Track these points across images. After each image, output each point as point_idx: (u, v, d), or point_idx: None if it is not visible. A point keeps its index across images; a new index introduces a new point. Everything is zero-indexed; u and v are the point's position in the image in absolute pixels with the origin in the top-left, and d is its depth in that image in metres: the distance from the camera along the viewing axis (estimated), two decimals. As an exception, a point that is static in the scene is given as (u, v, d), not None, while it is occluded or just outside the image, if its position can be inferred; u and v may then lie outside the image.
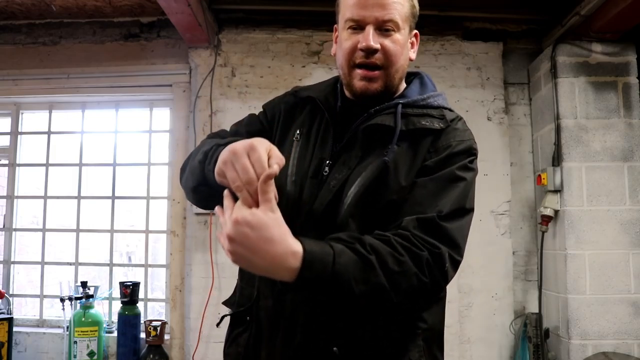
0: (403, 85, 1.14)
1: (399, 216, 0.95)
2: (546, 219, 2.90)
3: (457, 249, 0.97)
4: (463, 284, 3.07)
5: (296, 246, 0.82)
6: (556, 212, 2.88)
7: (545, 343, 2.91)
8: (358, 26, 1.02)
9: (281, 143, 1.10)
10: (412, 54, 1.13)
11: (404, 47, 1.07)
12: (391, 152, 1.00)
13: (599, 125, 2.89)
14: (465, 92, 3.20)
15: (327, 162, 1.04)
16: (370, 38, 1.00)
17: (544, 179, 2.89)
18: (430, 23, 3.23)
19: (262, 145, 0.85)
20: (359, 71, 1.03)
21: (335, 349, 0.94)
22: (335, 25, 1.13)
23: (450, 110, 1.11)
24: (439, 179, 0.98)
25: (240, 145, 0.85)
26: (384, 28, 1.02)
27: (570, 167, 2.86)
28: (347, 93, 1.11)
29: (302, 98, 1.16)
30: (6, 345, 3.00)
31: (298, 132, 1.10)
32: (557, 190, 2.86)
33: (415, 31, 1.12)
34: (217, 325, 1.16)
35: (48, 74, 3.34)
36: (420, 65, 3.21)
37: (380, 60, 1.02)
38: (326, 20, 3.21)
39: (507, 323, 3.06)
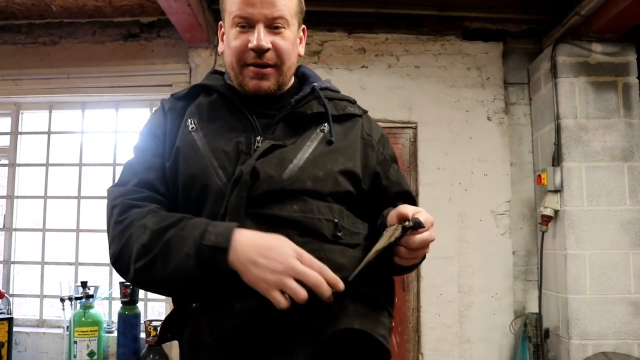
0: (292, 79, 1.12)
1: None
2: (546, 219, 2.90)
3: None
4: (463, 284, 3.07)
5: None
6: (556, 212, 2.88)
7: (545, 343, 2.91)
8: (247, 24, 0.98)
9: (171, 142, 1.00)
10: (301, 50, 1.10)
11: (295, 44, 1.05)
12: (331, 131, 1.01)
13: (599, 125, 2.89)
14: (465, 92, 3.20)
15: (259, 137, 0.97)
16: (262, 37, 0.97)
17: (544, 179, 2.89)
18: (430, 23, 3.23)
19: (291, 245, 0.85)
20: (250, 69, 0.99)
21: None
22: (220, 22, 1.09)
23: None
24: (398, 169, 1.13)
25: (293, 258, 0.83)
26: (273, 25, 0.98)
27: (570, 167, 2.86)
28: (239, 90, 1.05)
29: (183, 96, 1.07)
30: (6, 345, 3.00)
31: (190, 122, 1.00)
32: (557, 190, 2.86)
33: (303, 26, 1.11)
34: None
35: (48, 74, 3.34)
36: (420, 65, 3.22)
37: (272, 60, 0.99)
38: (326, 20, 3.22)
39: (507, 323, 3.06)
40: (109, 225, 0.94)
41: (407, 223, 0.83)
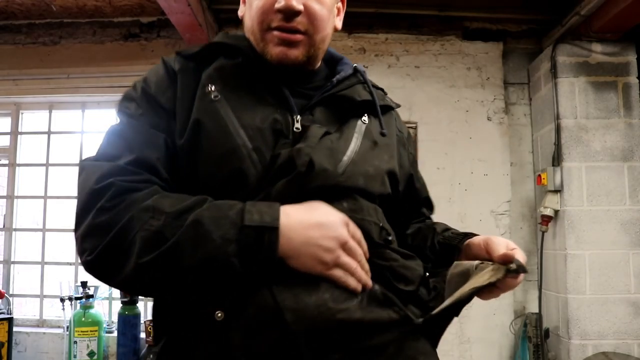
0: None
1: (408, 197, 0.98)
2: (546, 219, 2.90)
3: None
4: (463, 284, 3.07)
5: None
6: (556, 212, 2.88)
7: (545, 343, 2.91)
8: None
9: (185, 113, 0.79)
10: (339, 23, 0.94)
11: (331, 11, 0.88)
12: (381, 124, 0.90)
13: (599, 125, 2.89)
14: (465, 92, 3.20)
15: (297, 117, 0.81)
16: None
17: (544, 179, 2.89)
18: (430, 23, 3.23)
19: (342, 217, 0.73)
20: (275, 33, 0.81)
21: None
22: None
23: None
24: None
25: (344, 229, 0.72)
26: None
27: (570, 167, 2.86)
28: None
29: (195, 55, 0.86)
30: (6, 345, 3.00)
31: (211, 88, 0.80)
32: (557, 190, 2.86)
33: None
34: None
35: (48, 74, 3.34)
36: (420, 65, 3.22)
37: (304, 25, 0.82)
38: (326, 20, 3.22)
39: (507, 323, 3.06)
40: (85, 211, 0.71)
41: (511, 266, 0.75)
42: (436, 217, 1.06)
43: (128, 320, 3.03)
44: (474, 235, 0.90)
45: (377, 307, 0.72)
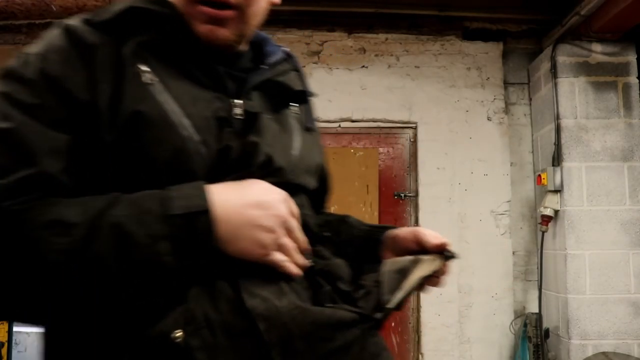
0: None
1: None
2: (546, 219, 2.90)
3: None
4: (463, 284, 3.07)
5: None
6: (556, 212, 2.88)
7: (545, 343, 2.91)
8: None
9: (110, 102, 0.61)
10: None
11: None
12: (311, 117, 0.83)
13: (599, 125, 2.89)
14: (465, 92, 3.20)
15: (237, 102, 0.69)
16: None
17: (544, 179, 2.90)
18: (430, 23, 3.23)
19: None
20: (203, 9, 0.68)
21: None
22: None
23: None
24: None
25: (284, 206, 0.65)
26: None
27: (570, 167, 2.86)
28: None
29: (108, 23, 0.67)
30: (6, 345, 2.99)
31: (143, 70, 0.64)
32: (557, 190, 2.86)
33: None
34: None
35: (48, 74, 3.34)
36: (420, 65, 3.22)
37: None
38: (326, 20, 3.22)
39: (507, 323, 3.06)
40: None
41: (447, 253, 0.80)
42: (436, 217, 1.06)
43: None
44: (389, 227, 0.88)
45: (336, 306, 0.68)
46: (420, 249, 0.81)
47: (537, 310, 3.00)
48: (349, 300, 0.70)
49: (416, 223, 3.09)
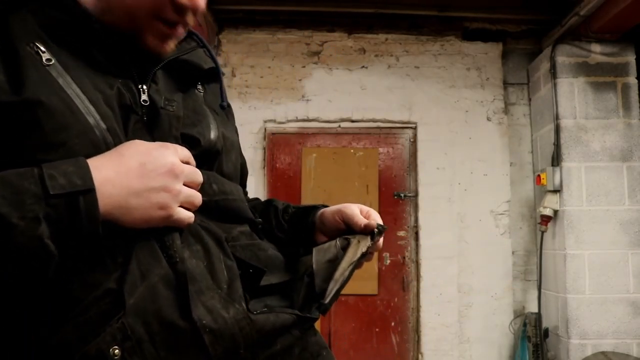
0: None
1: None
2: (545, 219, 2.90)
3: None
4: (463, 284, 3.07)
5: None
6: (555, 212, 2.89)
7: (545, 343, 2.92)
8: None
9: (8, 85, 0.54)
10: None
11: None
12: (223, 96, 0.79)
13: (598, 125, 2.89)
14: (465, 92, 3.21)
15: (142, 87, 0.66)
16: None
17: (543, 179, 2.90)
18: (430, 23, 3.24)
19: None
20: (160, 26, 0.65)
21: None
22: None
23: None
24: None
25: (173, 156, 0.59)
26: None
27: (570, 167, 2.86)
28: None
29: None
30: None
31: (38, 49, 0.58)
32: (557, 190, 2.87)
33: None
34: None
35: (48, 74, 3.34)
36: (420, 66, 3.23)
37: (191, 20, 0.69)
38: (326, 21, 3.23)
39: (506, 323, 3.06)
40: None
41: (375, 231, 0.77)
42: (436, 217, 1.06)
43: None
44: (317, 207, 0.86)
45: (278, 310, 0.65)
46: (349, 229, 0.80)
47: (536, 310, 3.01)
48: (285, 295, 0.69)
49: (416, 223, 3.10)
